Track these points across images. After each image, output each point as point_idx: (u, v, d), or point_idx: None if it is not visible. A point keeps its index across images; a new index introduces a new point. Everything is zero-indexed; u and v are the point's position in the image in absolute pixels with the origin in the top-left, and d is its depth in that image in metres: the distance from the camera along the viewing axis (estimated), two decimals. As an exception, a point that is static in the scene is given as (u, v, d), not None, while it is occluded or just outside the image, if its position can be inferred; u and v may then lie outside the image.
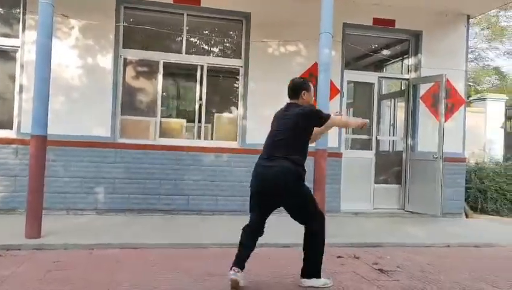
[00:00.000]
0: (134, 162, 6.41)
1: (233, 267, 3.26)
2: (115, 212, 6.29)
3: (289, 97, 3.57)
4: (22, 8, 6.14)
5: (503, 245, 5.37)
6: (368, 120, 3.62)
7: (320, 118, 3.47)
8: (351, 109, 9.08)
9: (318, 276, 3.45)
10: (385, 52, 8.48)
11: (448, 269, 4.21)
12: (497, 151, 11.18)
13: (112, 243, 4.57)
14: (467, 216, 7.70)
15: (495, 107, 11.85)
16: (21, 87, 6.12)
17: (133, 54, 6.75)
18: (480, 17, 16.93)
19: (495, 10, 16.78)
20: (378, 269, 4.07)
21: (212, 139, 7.05)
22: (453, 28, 7.55)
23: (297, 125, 3.35)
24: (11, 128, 6.17)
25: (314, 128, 3.53)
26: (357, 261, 4.35)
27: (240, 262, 3.30)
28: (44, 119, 4.72)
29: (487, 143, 11.45)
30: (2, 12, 6.40)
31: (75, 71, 6.29)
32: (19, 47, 6.16)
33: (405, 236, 5.61)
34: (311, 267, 3.44)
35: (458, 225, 6.74)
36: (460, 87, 7.52)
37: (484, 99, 12.14)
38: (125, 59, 6.69)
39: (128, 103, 6.82)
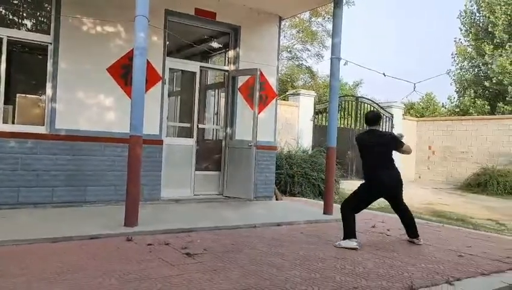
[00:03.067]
0: None
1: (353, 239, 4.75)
2: None
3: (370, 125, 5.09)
4: None
5: (299, 222, 6.12)
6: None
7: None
8: (179, 97, 9.15)
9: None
10: (209, 43, 8.73)
11: (250, 247, 4.58)
12: (307, 141, 12.69)
13: None
14: (277, 199, 8.54)
15: (306, 102, 13.38)
16: None
17: None
18: (297, 20, 18.95)
19: (308, 15, 18.98)
20: (186, 253, 4.17)
21: (13, 123, 6.22)
22: (267, 26, 8.20)
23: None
24: None
25: None
26: (166, 248, 4.38)
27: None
28: None
29: (299, 133, 12.91)
30: None
31: None
32: None
33: (218, 220, 5.89)
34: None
35: (267, 207, 7.41)
36: (272, 82, 8.24)
37: (298, 94, 13.60)
38: None
39: None
